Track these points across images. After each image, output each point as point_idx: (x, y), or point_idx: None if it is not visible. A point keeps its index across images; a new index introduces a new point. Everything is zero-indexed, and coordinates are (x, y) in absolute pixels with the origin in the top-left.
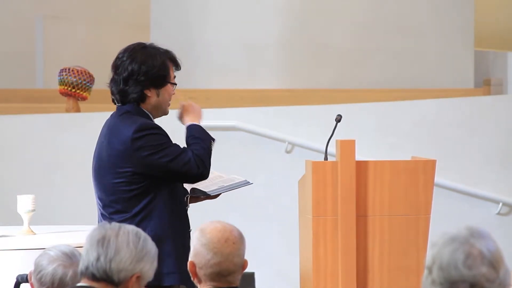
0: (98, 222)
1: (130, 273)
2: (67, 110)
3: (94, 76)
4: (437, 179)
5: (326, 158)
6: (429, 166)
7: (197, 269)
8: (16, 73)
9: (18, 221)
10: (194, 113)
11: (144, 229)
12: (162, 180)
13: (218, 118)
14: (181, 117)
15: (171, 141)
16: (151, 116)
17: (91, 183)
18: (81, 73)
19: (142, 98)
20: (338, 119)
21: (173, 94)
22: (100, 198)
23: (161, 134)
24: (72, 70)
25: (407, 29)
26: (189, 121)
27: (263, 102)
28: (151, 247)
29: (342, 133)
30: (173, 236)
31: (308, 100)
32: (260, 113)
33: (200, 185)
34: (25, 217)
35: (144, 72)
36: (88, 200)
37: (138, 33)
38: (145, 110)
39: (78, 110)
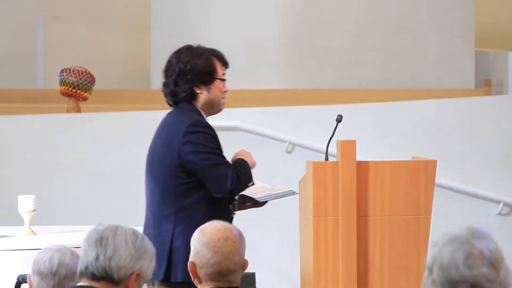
0: (146, 220)
1: (130, 271)
2: (68, 110)
3: (94, 76)
4: (438, 179)
5: (326, 158)
6: (429, 166)
7: (198, 269)
8: (16, 73)
9: (18, 221)
10: (245, 156)
11: (185, 228)
12: None
13: (218, 118)
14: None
15: (219, 147)
16: (204, 114)
17: (91, 183)
18: (82, 73)
19: (192, 96)
20: (339, 119)
21: (226, 91)
22: (152, 192)
23: (212, 136)
24: (73, 70)
25: (407, 29)
26: (240, 156)
27: (264, 102)
28: (149, 246)
29: (342, 133)
30: None
31: (308, 100)
32: (260, 113)
33: (248, 192)
34: (26, 217)
35: (189, 70)
36: (89, 200)
37: (138, 33)
38: (198, 108)
39: (78, 110)
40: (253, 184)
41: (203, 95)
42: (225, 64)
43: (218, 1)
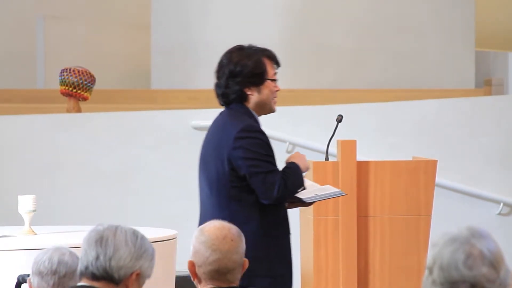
0: (200, 221)
1: (130, 270)
2: (68, 110)
3: (95, 76)
4: (438, 179)
5: (327, 158)
6: (430, 166)
7: (197, 268)
8: (17, 73)
9: (19, 221)
10: (298, 159)
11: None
12: None
13: None
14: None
15: (270, 153)
16: (255, 115)
17: (91, 183)
18: (82, 73)
19: (243, 97)
20: (339, 119)
21: (277, 90)
22: (206, 194)
23: (263, 141)
24: (73, 70)
25: (408, 29)
26: (293, 159)
27: None
28: (149, 246)
29: (342, 133)
30: (268, 241)
31: (308, 100)
32: None
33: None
34: (26, 217)
35: (239, 72)
36: (89, 200)
37: (138, 33)
38: (250, 109)
39: (79, 110)
40: (304, 188)
41: (253, 96)
42: (276, 63)
43: (218, 1)
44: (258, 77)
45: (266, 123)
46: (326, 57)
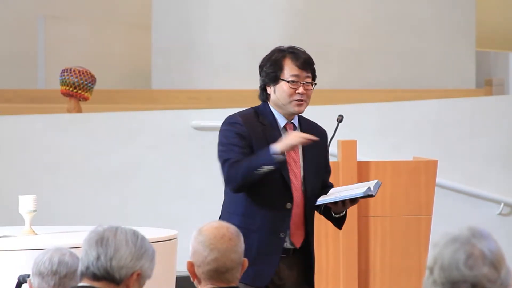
0: None
1: (131, 270)
2: (69, 111)
3: (95, 76)
4: (439, 179)
5: None
6: (430, 167)
7: (196, 268)
8: (17, 74)
9: (19, 221)
10: (285, 139)
11: (227, 221)
12: None
13: (220, 119)
14: None
15: (237, 144)
16: (277, 115)
17: (91, 183)
18: (83, 73)
19: (265, 95)
20: (340, 119)
21: (299, 92)
22: None
23: (236, 132)
24: (74, 71)
25: (408, 29)
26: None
27: None
28: (149, 246)
29: (343, 133)
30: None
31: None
32: None
33: (329, 195)
34: (27, 218)
35: (260, 69)
36: (89, 200)
37: (139, 33)
38: (271, 108)
39: (79, 110)
40: (274, 165)
41: (271, 95)
42: (300, 66)
43: (218, 2)
44: (271, 76)
45: None
46: (326, 57)
